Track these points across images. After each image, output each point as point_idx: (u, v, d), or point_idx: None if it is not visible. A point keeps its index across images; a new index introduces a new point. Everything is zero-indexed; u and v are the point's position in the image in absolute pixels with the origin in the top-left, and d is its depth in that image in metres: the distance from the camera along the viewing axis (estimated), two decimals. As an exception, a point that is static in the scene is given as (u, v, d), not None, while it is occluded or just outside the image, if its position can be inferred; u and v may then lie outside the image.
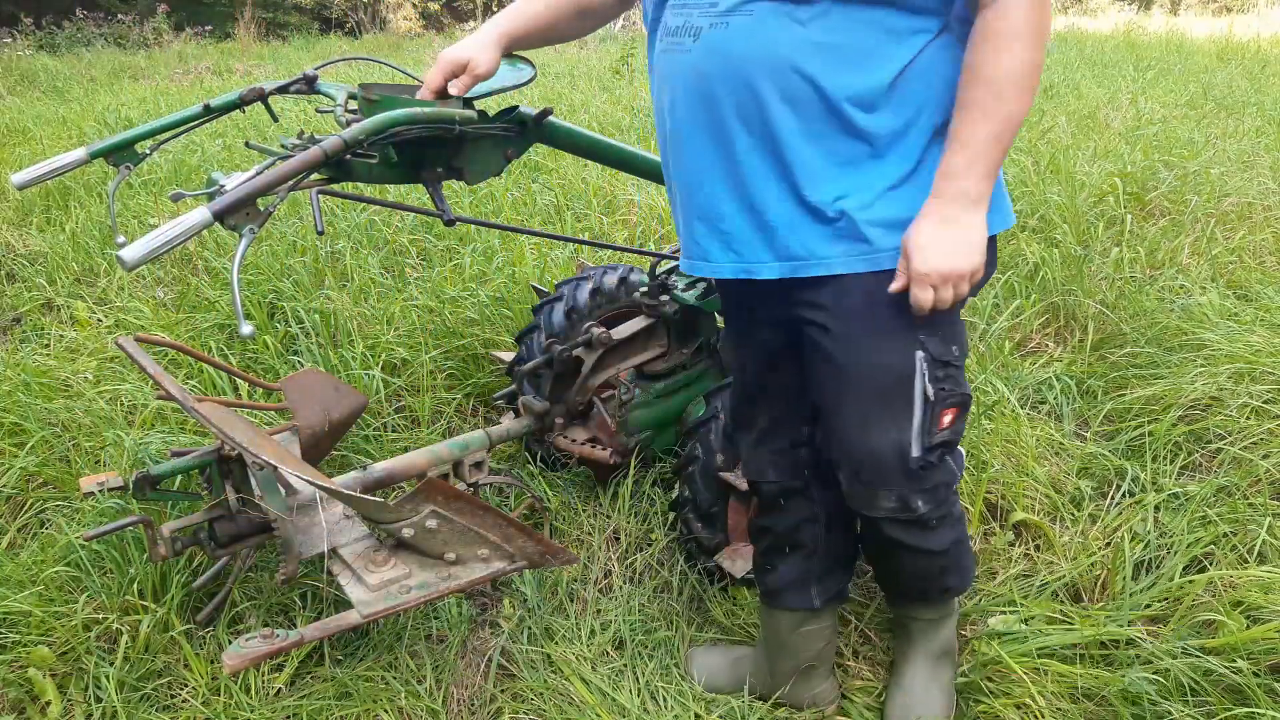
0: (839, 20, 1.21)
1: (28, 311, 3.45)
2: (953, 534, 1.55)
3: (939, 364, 1.36)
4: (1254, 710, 1.53)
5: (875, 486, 1.45)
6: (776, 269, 1.34)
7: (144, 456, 2.27)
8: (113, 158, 1.83)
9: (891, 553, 1.57)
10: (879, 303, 1.32)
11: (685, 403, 2.33)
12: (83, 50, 11.83)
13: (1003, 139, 1.23)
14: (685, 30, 1.30)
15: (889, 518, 1.47)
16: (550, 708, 1.72)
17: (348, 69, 8.60)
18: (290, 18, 16.46)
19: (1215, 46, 9.95)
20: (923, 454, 1.40)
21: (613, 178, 4.40)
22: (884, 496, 1.45)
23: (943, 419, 1.40)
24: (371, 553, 1.63)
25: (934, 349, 1.35)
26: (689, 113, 1.33)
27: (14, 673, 1.78)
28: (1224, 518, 2.01)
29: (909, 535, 1.50)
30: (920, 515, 1.46)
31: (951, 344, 1.38)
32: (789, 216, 1.30)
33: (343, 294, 3.14)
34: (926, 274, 1.25)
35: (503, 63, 1.83)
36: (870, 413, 1.40)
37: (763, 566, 1.72)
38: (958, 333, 1.40)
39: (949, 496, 1.51)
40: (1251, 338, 2.65)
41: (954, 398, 1.39)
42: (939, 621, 1.70)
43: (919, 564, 1.56)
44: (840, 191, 1.28)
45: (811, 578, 1.66)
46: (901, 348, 1.35)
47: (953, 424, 1.42)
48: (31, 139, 6.13)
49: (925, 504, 1.45)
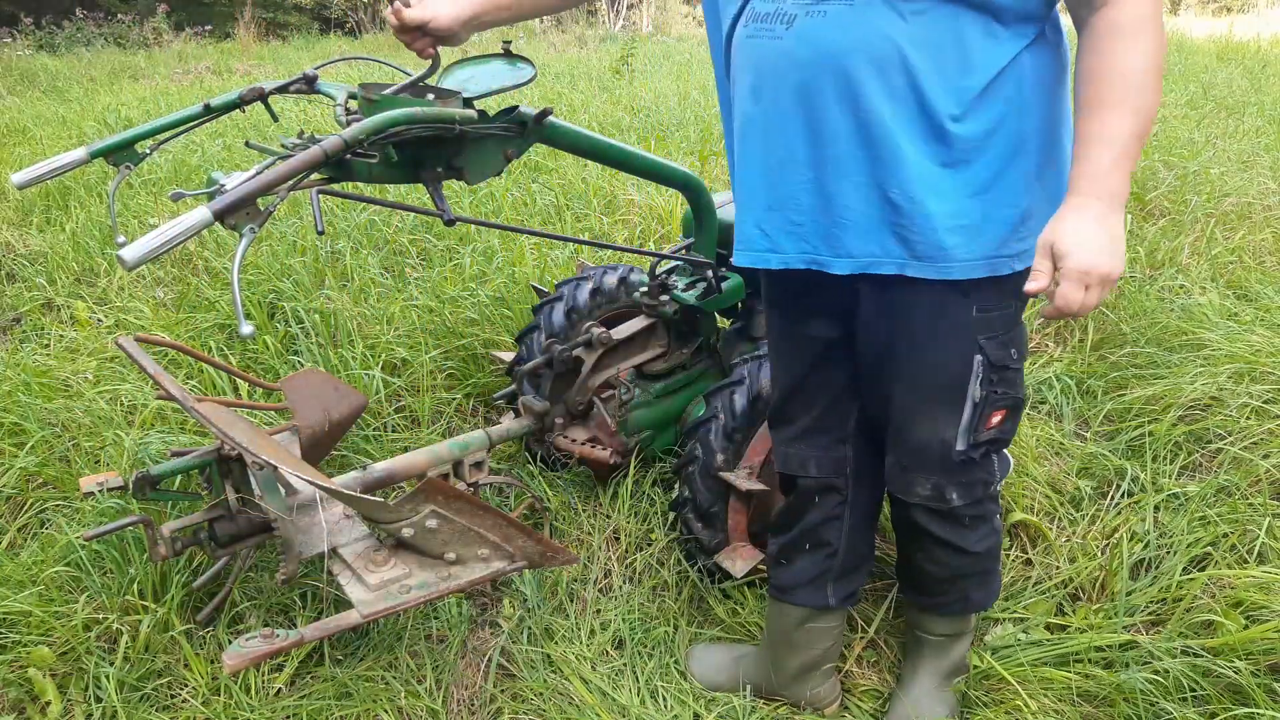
0: (940, 17, 1.18)
1: (28, 311, 3.45)
2: (987, 541, 1.55)
3: (995, 368, 1.38)
4: (1253, 710, 1.53)
5: (914, 471, 1.47)
6: (848, 264, 1.34)
7: (144, 456, 2.27)
8: (113, 157, 1.83)
9: (920, 543, 1.56)
10: (944, 307, 1.33)
11: (685, 403, 2.33)
12: (82, 50, 11.83)
13: (1143, 135, 1.18)
14: (777, 16, 1.26)
15: (921, 504, 1.48)
16: (550, 708, 1.72)
17: (348, 69, 8.60)
18: (290, 18, 16.46)
19: (1215, 46, 9.94)
20: (967, 449, 1.42)
21: (613, 178, 4.40)
22: (921, 483, 1.47)
23: (991, 419, 1.41)
24: (371, 553, 1.63)
25: (992, 353, 1.36)
26: (775, 100, 1.30)
27: (14, 673, 1.78)
28: (1224, 518, 2.01)
29: (940, 527, 1.50)
30: (953, 507, 1.47)
31: (1010, 348, 1.39)
32: (868, 212, 1.29)
33: (343, 294, 3.14)
34: (1086, 272, 1.14)
35: (503, 63, 1.82)
36: (922, 407, 1.42)
37: (779, 560, 1.71)
38: (1016, 336, 1.40)
39: (986, 496, 1.51)
40: (1251, 338, 2.65)
41: (1005, 400, 1.41)
42: (952, 640, 1.69)
43: (948, 560, 1.55)
44: (922, 194, 1.26)
45: (829, 576, 1.66)
46: (961, 351, 1.36)
47: (1001, 424, 1.43)
48: (31, 139, 6.13)
49: (960, 497, 1.47)
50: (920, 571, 1.63)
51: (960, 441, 1.41)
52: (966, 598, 1.62)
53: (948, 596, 1.62)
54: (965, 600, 1.63)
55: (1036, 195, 1.30)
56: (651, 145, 5.10)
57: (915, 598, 1.70)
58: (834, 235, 1.33)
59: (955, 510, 1.48)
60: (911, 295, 1.33)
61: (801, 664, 1.70)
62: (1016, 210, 1.29)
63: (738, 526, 1.99)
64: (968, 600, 1.63)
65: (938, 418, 1.41)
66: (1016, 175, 1.27)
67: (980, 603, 1.65)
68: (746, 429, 1.94)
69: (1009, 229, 1.29)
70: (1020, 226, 1.30)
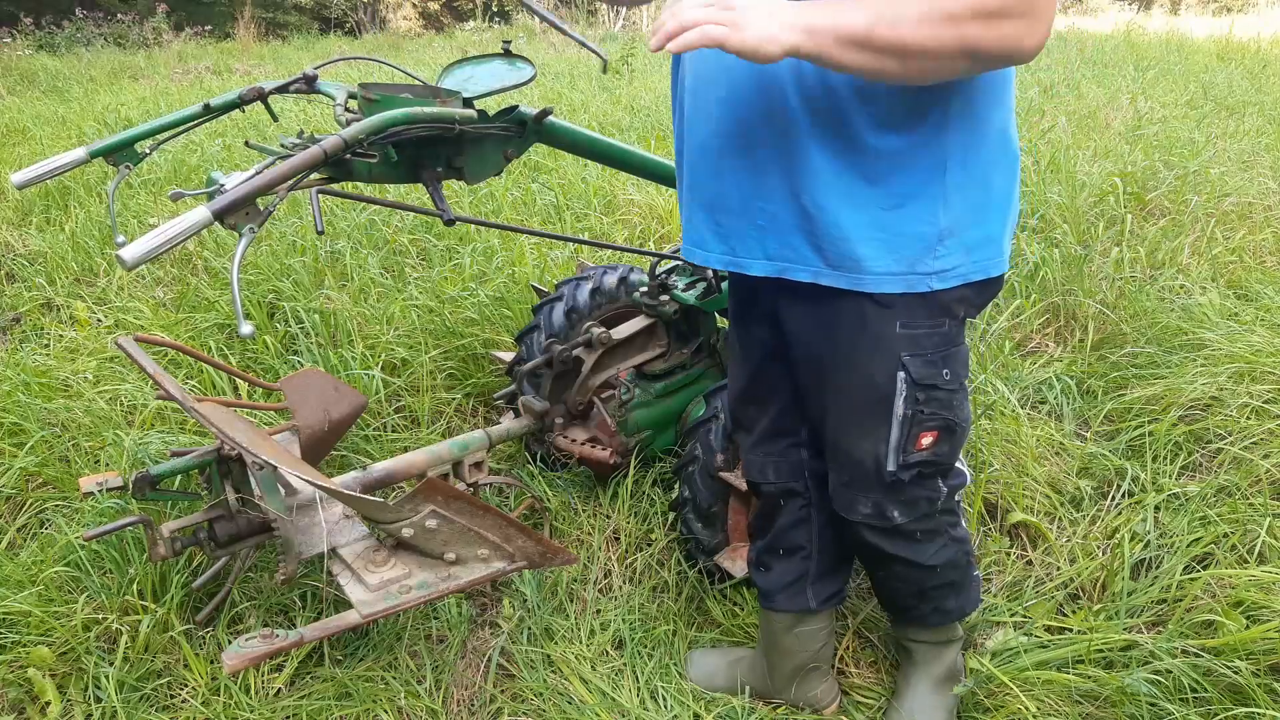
0: None
1: (27, 311, 3.45)
2: (945, 554, 1.53)
3: (921, 386, 1.34)
4: (1254, 710, 1.53)
5: (854, 490, 1.45)
6: (764, 267, 1.34)
7: (143, 456, 2.27)
8: (112, 157, 1.83)
9: (877, 561, 1.56)
10: (865, 321, 1.31)
11: (685, 403, 2.33)
12: (82, 50, 11.83)
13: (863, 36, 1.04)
14: None
15: (865, 523, 1.47)
16: (550, 708, 1.72)
17: (348, 69, 8.60)
18: (290, 18, 16.47)
19: (1215, 46, 9.95)
20: (897, 470, 1.40)
21: (613, 178, 4.39)
22: (861, 502, 1.45)
23: (920, 440, 1.38)
24: (371, 553, 1.63)
25: (916, 371, 1.33)
26: (707, 102, 1.31)
27: (14, 673, 1.78)
28: (1224, 518, 2.00)
29: (891, 544, 1.49)
30: (897, 525, 1.45)
31: (943, 369, 1.35)
32: (785, 218, 1.29)
33: (342, 294, 3.14)
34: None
35: (502, 62, 1.82)
36: (850, 421, 1.40)
37: (758, 566, 1.72)
38: (951, 358, 1.36)
39: (934, 512, 1.49)
40: (1252, 338, 2.65)
41: (934, 421, 1.37)
42: (942, 646, 1.68)
43: (908, 575, 1.54)
44: (836, 204, 1.25)
45: (808, 579, 1.66)
46: (885, 367, 1.34)
47: (933, 447, 1.40)
48: (31, 138, 6.14)
49: (902, 515, 1.45)
50: (886, 588, 1.63)
51: (890, 461, 1.39)
52: (940, 609, 1.60)
53: (921, 610, 1.61)
54: (940, 611, 1.61)
55: (957, 213, 1.26)
56: (651, 145, 5.10)
57: (892, 615, 1.70)
58: (753, 238, 1.33)
59: (901, 528, 1.46)
60: (834, 306, 1.32)
61: (794, 667, 1.70)
62: (934, 228, 1.26)
63: (738, 526, 1.99)
64: (943, 611, 1.61)
65: (867, 433, 1.39)
66: (935, 192, 1.25)
67: (958, 610, 1.62)
68: (746, 429, 1.94)
69: (924, 246, 1.26)
70: (938, 245, 1.26)
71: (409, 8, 18.84)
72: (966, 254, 1.29)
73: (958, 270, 1.29)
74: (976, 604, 1.67)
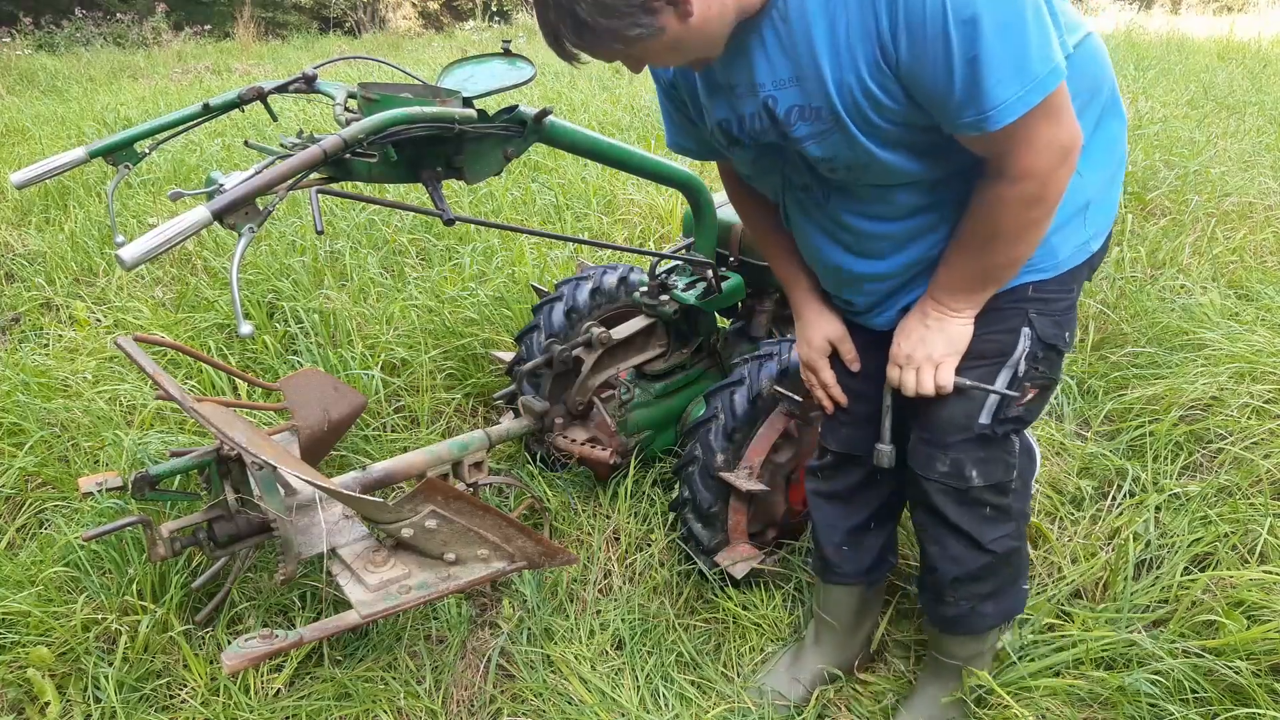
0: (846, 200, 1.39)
1: (27, 311, 3.45)
2: (1006, 543, 1.53)
3: (1044, 345, 1.41)
4: (1254, 710, 1.53)
5: (935, 446, 1.48)
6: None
7: (143, 456, 2.27)
8: (112, 157, 1.83)
9: (936, 534, 1.55)
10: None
11: (685, 403, 2.33)
12: (81, 49, 11.83)
13: (993, 280, 1.35)
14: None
15: (940, 482, 1.48)
16: (549, 708, 1.72)
17: (347, 68, 8.60)
18: (289, 17, 16.47)
19: (1216, 46, 9.94)
20: (991, 423, 1.44)
21: (613, 178, 4.39)
22: (940, 458, 1.48)
23: (1024, 396, 1.44)
24: (371, 553, 1.63)
25: (1042, 330, 1.40)
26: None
27: (13, 673, 1.78)
28: (1224, 518, 2.00)
29: (957, 512, 1.49)
30: (971, 487, 1.47)
31: (1065, 330, 1.43)
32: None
33: (342, 294, 3.14)
34: (909, 356, 1.41)
35: (502, 62, 1.82)
36: (958, 370, 1.44)
37: (839, 546, 1.75)
38: (1072, 321, 1.45)
39: (1008, 484, 1.50)
40: (1252, 337, 2.65)
41: (1040, 379, 1.44)
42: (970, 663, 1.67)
43: (962, 556, 1.53)
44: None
45: (888, 550, 1.78)
46: (1011, 324, 1.40)
47: (1030, 403, 1.46)
48: (30, 138, 6.13)
49: (980, 476, 1.46)
50: (934, 572, 1.60)
51: (984, 414, 1.44)
52: (978, 611, 1.59)
53: (959, 606, 1.60)
54: (977, 614, 1.60)
55: (1092, 184, 1.38)
56: (651, 145, 5.10)
57: (931, 608, 1.66)
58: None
59: (973, 491, 1.48)
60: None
61: (868, 636, 1.85)
62: (1081, 198, 1.37)
63: (738, 526, 1.98)
64: (979, 614, 1.60)
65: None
66: (1075, 180, 1.33)
67: (993, 617, 1.61)
68: (746, 429, 1.93)
69: (1075, 221, 1.39)
70: (1083, 214, 1.38)
71: (408, 7, 18.84)
72: (1098, 227, 1.42)
73: (1089, 244, 1.41)
74: (1009, 618, 1.65)
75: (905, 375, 1.43)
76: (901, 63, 1.15)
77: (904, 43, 1.13)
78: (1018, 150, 1.19)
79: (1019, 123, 1.15)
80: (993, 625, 1.63)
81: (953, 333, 1.39)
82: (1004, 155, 1.20)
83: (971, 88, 1.12)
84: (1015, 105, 1.13)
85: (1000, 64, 1.11)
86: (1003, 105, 1.13)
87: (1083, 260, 1.41)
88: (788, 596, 2.00)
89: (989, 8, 1.08)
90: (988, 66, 1.11)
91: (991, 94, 1.12)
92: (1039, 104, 1.14)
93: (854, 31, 1.16)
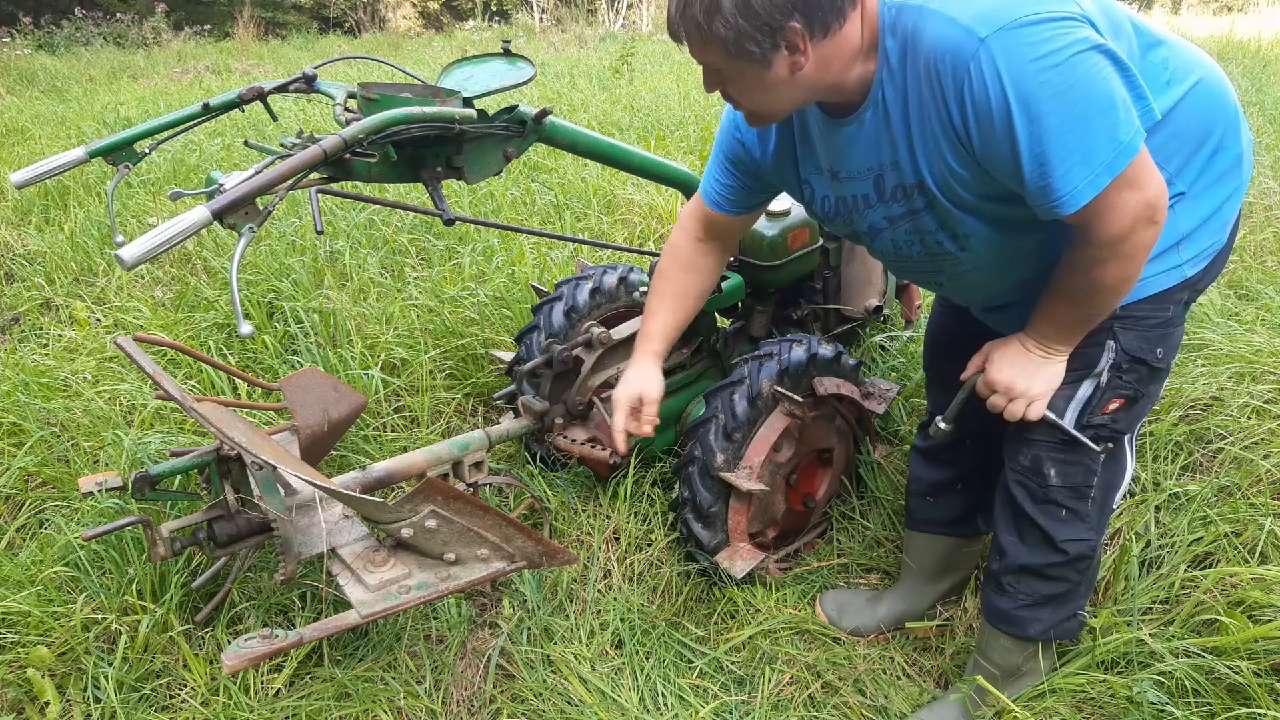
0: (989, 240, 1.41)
1: (26, 311, 3.45)
2: (1079, 547, 1.54)
3: (1130, 358, 1.43)
4: (1255, 710, 1.53)
5: (1023, 436, 1.52)
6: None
7: (143, 456, 2.27)
8: (112, 157, 1.83)
9: (1012, 522, 1.58)
10: None
11: (685, 403, 2.33)
12: (81, 49, 11.83)
13: (1090, 324, 1.39)
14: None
15: (1019, 473, 1.53)
16: (549, 708, 1.72)
17: (347, 68, 8.60)
18: (289, 17, 16.48)
19: (1216, 46, 9.94)
20: (1075, 426, 1.47)
21: (613, 178, 4.39)
22: (1024, 452, 1.52)
23: (1108, 405, 1.46)
24: (371, 553, 1.63)
25: (1127, 343, 1.43)
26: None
27: (13, 673, 1.78)
28: (1225, 517, 2.00)
29: (1033, 507, 1.53)
30: (1049, 485, 1.50)
31: (1157, 346, 1.44)
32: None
33: (342, 294, 3.13)
34: (1009, 387, 1.45)
35: (502, 62, 1.82)
36: None
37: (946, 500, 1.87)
38: (1167, 338, 1.45)
39: (1087, 491, 1.52)
40: (1252, 337, 2.64)
41: (1125, 390, 1.46)
42: (1005, 680, 1.68)
43: (1037, 549, 1.55)
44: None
45: (977, 510, 1.87)
46: (1096, 336, 1.43)
47: (1115, 414, 1.47)
48: (30, 138, 6.13)
49: (1058, 477, 1.50)
50: (1002, 556, 1.61)
51: (1069, 415, 1.46)
52: (1034, 613, 1.60)
53: (1014, 600, 1.60)
54: (1031, 615, 1.60)
55: (1188, 217, 1.39)
56: (651, 145, 5.10)
57: (988, 598, 1.67)
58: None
59: (1050, 491, 1.51)
60: None
61: (954, 583, 1.97)
62: (1174, 235, 1.39)
63: (738, 526, 1.98)
64: (1034, 617, 1.60)
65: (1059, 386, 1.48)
66: (1169, 220, 1.36)
67: (1046, 624, 1.61)
68: (746, 429, 1.93)
69: (1169, 254, 1.40)
70: (1176, 248, 1.40)
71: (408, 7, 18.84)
72: (1196, 253, 1.42)
73: (1182, 269, 1.42)
74: (1062, 636, 1.65)
75: (1001, 402, 1.47)
76: (977, 152, 1.21)
77: (975, 137, 1.19)
78: (1097, 222, 1.22)
79: (1094, 201, 1.18)
80: (1040, 634, 1.63)
81: (1053, 373, 1.44)
82: (1086, 226, 1.24)
83: (1041, 179, 1.17)
84: (1085, 190, 1.17)
85: (1065, 155, 1.14)
86: (1073, 192, 1.17)
87: (1175, 282, 1.42)
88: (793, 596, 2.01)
89: (1053, 102, 1.11)
90: (1054, 159, 1.15)
91: (1060, 185, 1.17)
92: (1111, 182, 1.17)
93: (931, 122, 1.24)
